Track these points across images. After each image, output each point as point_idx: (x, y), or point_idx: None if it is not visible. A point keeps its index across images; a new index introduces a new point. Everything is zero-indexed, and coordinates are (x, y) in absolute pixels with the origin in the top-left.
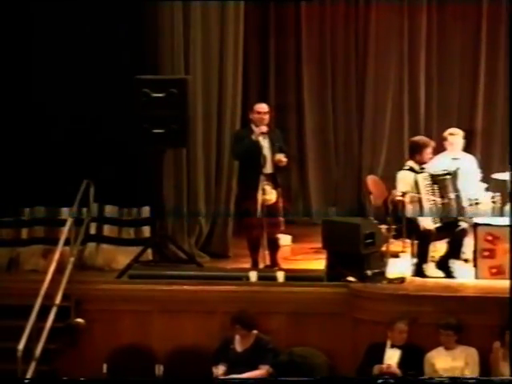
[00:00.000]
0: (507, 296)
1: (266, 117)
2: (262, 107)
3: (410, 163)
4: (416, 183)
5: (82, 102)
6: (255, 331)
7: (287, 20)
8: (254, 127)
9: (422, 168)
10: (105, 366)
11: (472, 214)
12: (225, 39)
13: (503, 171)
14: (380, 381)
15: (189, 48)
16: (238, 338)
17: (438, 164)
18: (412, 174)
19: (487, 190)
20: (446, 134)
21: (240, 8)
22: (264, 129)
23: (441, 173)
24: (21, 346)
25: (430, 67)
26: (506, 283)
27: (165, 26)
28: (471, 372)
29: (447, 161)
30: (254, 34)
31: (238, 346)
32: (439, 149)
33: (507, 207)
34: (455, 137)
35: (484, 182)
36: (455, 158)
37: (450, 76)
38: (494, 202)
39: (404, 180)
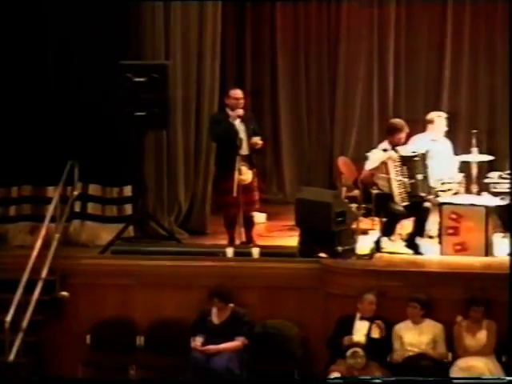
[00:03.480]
0: (470, 271)
1: (241, 102)
2: (237, 93)
3: (384, 144)
4: (386, 164)
5: (68, 85)
6: (231, 304)
7: (263, 9)
8: (229, 111)
9: (395, 149)
10: (88, 337)
11: (442, 193)
12: (203, 27)
13: (468, 153)
14: (378, 380)
15: (169, 34)
16: (214, 310)
17: (417, 144)
18: (383, 154)
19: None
20: (432, 116)
21: None
22: (240, 112)
23: (410, 154)
24: (8, 317)
25: (398, 54)
26: (469, 259)
27: (146, 14)
28: (438, 347)
29: (426, 142)
30: (231, 22)
31: (215, 319)
32: (411, 132)
33: (472, 187)
34: (441, 119)
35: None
36: (434, 139)
37: (416, 63)
38: (459, 183)
39: (375, 159)
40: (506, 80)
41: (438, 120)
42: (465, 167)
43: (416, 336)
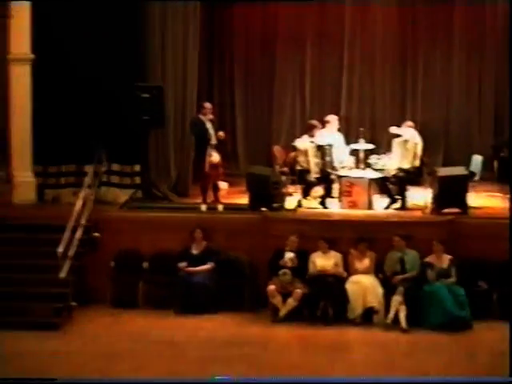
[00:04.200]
0: (359, 219)
1: (210, 110)
2: (208, 105)
3: (305, 137)
4: (306, 150)
5: (103, 98)
6: (205, 242)
7: (226, 45)
8: (202, 116)
9: (312, 141)
10: (112, 263)
11: (341, 170)
12: (186, 58)
13: (356, 143)
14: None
15: (165, 63)
16: (194, 245)
17: (323, 137)
18: (305, 144)
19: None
20: (329, 118)
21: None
22: (210, 117)
23: (323, 144)
24: (60, 249)
25: (313, 73)
26: (358, 212)
27: (150, 52)
28: (338, 268)
29: (328, 135)
30: (203, 53)
31: (195, 251)
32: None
33: (360, 165)
34: (335, 120)
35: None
36: (332, 134)
37: (324, 75)
38: (351, 163)
39: (299, 146)
40: (383, 90)
41: (333, 120)
42: (355, 152)
43: (324, 261)
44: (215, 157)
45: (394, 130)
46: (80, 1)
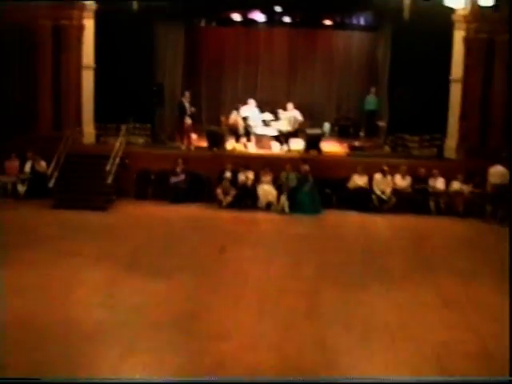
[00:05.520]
0: (264, 155)
1: (188, 96)
2: (187, 93)
3: (235, 112)
4: (237, 118)
5: (132, 90)
6: (183, 165)
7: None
8: (183, 99)
9: (239, 113)
10: (135, 175)
11: (255, 128)
12: (177, 60)
13: (264, 114)
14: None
15: (165, 69)
16: (178, 169)
17: (245, 111)
18: (236, 115)
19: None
20: (249, 100)
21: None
22: (187, 99)
23: (245, 115)
24: (107, 168)
25: (243, 75)
26: (263, 151)
27: (157, 57)
28: (252, 181)
29: (248, 110)
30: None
31: (178, 170)
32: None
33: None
34: (253, 101)
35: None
36: (251, 109)
37: (248, 75)
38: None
39: (233, 116)
40: (279, 84)
41: (251, 102)
42: (263, 120)
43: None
44: (189, 121)
45: (281, 111)
46: (117, 30)
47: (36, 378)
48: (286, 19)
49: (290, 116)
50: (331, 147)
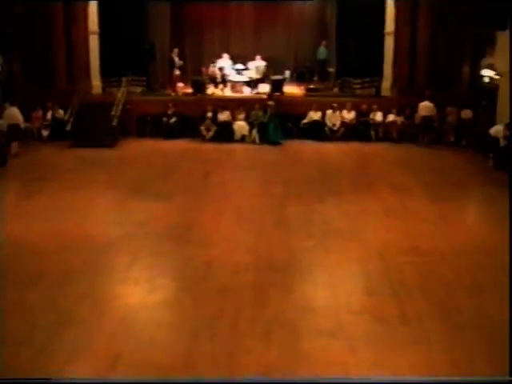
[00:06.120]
0: (238, 97)
1: (176, 52)
2: (176, 49)
3: (212, 64)
4: (214, 69)
5: (130, 49)
6: (174, 108)
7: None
8: (173, 55)
9: (215, 65)
10: (135, 118)
11: (230, 76)
12: (164, 27)
13: (237, 65)
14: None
15: (157, 30)
16: (169, 110)
17: (220, 63)
18: (214, 67)
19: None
20: (223, 54)
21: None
22: (176, 54)
23: (221, 66)
24: (112, 113)
25: (220, 37)
26: (237, 94)
27: (150, 23)
28: (230, 118)
29: (223, 62)
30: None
31: (169, 112)
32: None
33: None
34: (226, 55)
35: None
36: (225, 61)
37: (224, 37)
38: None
39: (211, 68)
40: (250, 41)
41: (225, 55)
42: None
43: (223, 116)
44: (177, 72)
45: (250, 62)
46: (117, 2)
47: (36, 378)
48: None
49: (257, 65)
50: (291, 89)
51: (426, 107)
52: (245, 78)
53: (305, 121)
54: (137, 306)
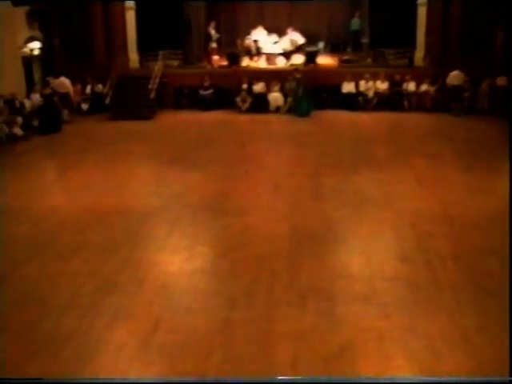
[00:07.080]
0: (273, 69)
1: (213, 25)
2: (213, 23)
3: (248, 36)
4: (250, 42)
5: (168, 24)
6: (210, 81)
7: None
8: (210, 29)
9: (256, 39)
10: (172, 91)
11: (265, 48)
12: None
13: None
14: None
15: (194, 9)
16: (205, 82)
17: (256, 35)
18: (249, 39)
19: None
20: (258, 27)
21: None
22: (213, 27)
23: (255, 39)
24: (150, 86)
25: (254, 14)
26: (272, 66)
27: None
28: (265, 89)
29: (258, 34)
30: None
31: (205, 84)
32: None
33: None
34: (261, 27)
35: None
36: (260, 33)
37: (258, 14)
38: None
39: (247, 40)
40: (283, 16)
41: (260, 28)
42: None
43: (258, 87)
44: (214, 45)
45: (285, 34)
46: None
47: (36, 378)
48: None
49: (291, 37)
50: (325, 61)
51: (455, 76)
52: (279, 49)
53: (343, 90)
54: (175, 273)
